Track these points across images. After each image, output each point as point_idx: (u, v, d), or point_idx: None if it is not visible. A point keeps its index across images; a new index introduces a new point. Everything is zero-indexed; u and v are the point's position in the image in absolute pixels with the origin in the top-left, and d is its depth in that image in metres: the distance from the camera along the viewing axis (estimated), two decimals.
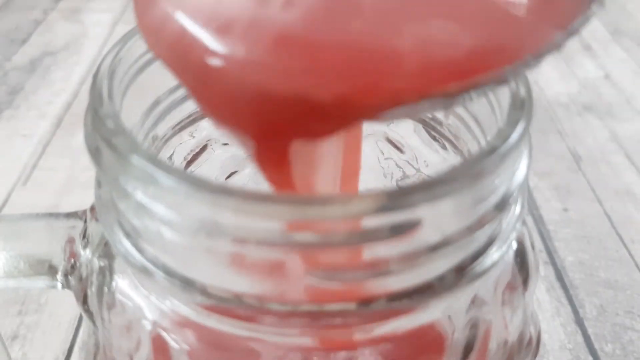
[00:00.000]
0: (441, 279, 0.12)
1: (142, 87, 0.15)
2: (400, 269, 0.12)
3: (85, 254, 0.15)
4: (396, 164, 0.20)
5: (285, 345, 0.13)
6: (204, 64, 0.11)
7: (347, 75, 0.11)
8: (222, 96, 0.11)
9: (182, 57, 0.12)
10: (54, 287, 0.16)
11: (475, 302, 0.14)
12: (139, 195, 0.12)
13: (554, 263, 0.33)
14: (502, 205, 0.12)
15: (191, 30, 0.11)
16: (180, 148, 0.18)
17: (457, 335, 0.14)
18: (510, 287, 0.15)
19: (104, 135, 0.12)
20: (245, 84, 0.11)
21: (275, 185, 0.13)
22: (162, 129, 0.17)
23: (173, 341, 0.14)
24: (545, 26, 0.11)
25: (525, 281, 0.15)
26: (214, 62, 0.11)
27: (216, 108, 0.12)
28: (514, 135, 0.12)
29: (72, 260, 0.16)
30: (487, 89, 0.11)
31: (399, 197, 0.11)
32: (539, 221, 0.35)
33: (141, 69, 0.15)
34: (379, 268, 0.12)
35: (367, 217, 0.11)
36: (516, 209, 0.14)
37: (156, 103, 0.16)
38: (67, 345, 0.28)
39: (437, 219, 0.12)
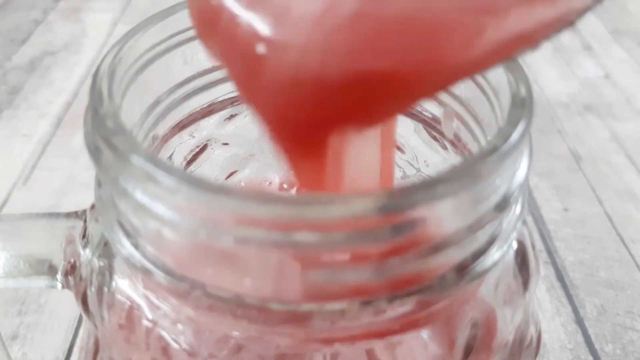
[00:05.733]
0: (442, 278, 0.12)
1: (142, 86, 0.15)
2: (401, 268, 0.12)
3: (85, 253, 0.15)
4: (396, 164, 0.20)
5: (285, 344, 0.13)
6: (258, 53, 0.11)
7: (405, 48, 0.11)
8: (278, 86, 0.11)
9: (237, 49, 0.12)
10: (54, 287, 0.16)
11: (475, 302, 0.14)
12: (139, 195, 0.12)
13: (554, 263, 0.33)
14: (502, 205, 0.12)
15: (245, 20, 0.11)
16: (180, 148, 0.18)
17: (457, 335, 0.14)
18: (511, 286, 0.15)
19: (104, 135, 0.12)
20: (303, 70, 0.11)
21: (305, 182, 0.13)
22: (162, 128, 0.17)
23: (173, 341, 0.14)
24: None
25: (526, 281, 0.15)
26: (270, 50, 0.11)
27: (269, 100, 0.12)
28: (515, 135, 0.12)
29: (72, 260, 0.16)
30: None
31: (400, 197, 0.11)
32: (539, 221, 0.35)
33: (141, 69, 0.15)
34: (379, 268, 0.12)
35: (368, 217, 0.11)
36: (516, 209, 0.13)
37: (156, 103, 0.16)
38: (67, 345, 0.28)
39: (437, 218, 0.12)
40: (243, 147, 0.20)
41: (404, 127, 0.19)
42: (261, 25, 0.11)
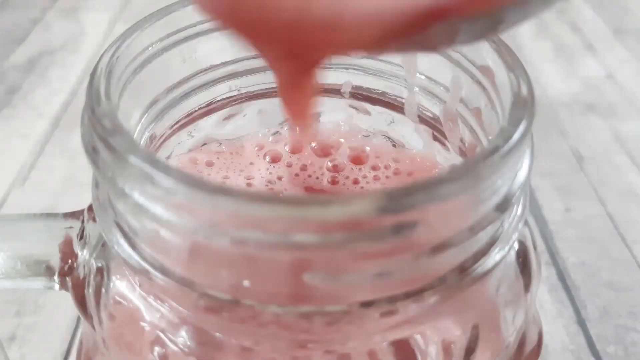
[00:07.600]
0: (443, 279, 0.12)
1: (140, 86, 0.15)
2: (401, 269, 0.12)
3: (83, 254, 0.15)
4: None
5: (284, 346, 0.13)
6: None
7: None
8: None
9: None
10: (52, 288, 0.16)
11: (477, 303, 0.14)
12: (137, 196, 0.12)
13: (556, 264, 0.33)
14: (504, 206, 0.12)
15: None
16: (178, 147, 0.18)
17: (459, 336, 0.14)
18: (512, 287, 0.15)
19: (101, 135, 0.12)
20: None
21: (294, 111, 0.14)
22: (160, 128, 0.17)
23: (171, 343, 0.14)
24: None
25: (527, 282, 0.15)
26: None
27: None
28: (516, 135, 0.12)
29: (70, 261, 0.16)
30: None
31: (400, 197, 0.11)
32: (541, 221, 0.35)
33: (139, 68, 0.15)
34: (380, 269, 0.11)
35: (368, 218, 0.11)
36: (518, 209, 0.13)
37: (154, 102, 0.16)
38: (65, 347, 0.28)
39: (438, 219, 0.11)
40: None
41: (405, 127, 0.19)
42: None
